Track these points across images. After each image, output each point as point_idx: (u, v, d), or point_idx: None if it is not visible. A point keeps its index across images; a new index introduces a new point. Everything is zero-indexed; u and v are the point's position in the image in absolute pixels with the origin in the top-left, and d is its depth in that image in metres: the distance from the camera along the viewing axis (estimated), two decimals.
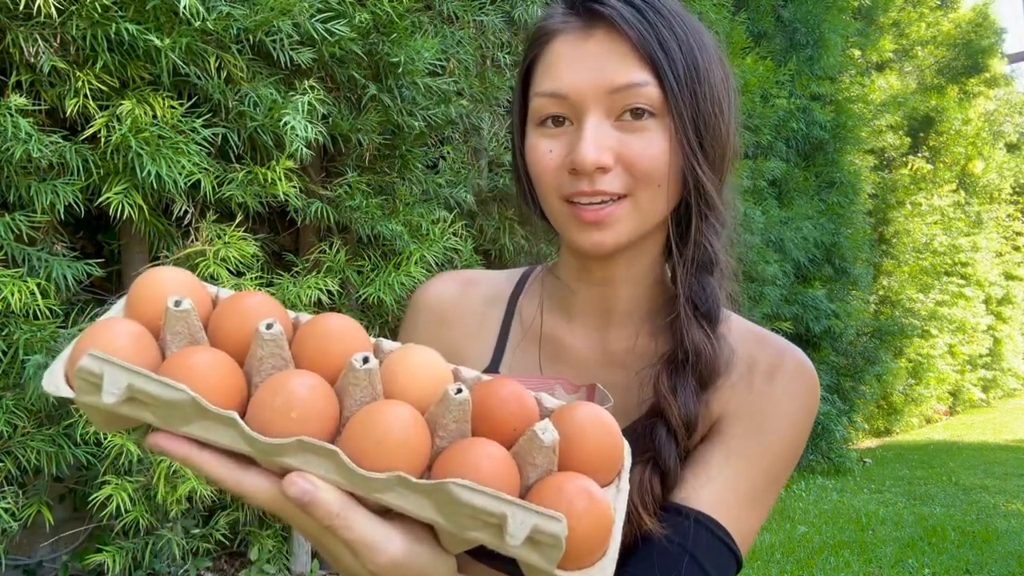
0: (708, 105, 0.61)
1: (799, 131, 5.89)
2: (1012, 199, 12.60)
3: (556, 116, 0.61)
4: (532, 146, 0.63)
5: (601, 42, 0.60)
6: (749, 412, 0.64)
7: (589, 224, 0.61)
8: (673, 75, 0.59)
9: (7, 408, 1.91)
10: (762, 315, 5.23)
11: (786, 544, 3.70)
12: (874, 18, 7.90)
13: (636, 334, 0.69)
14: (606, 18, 0.59)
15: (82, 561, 2.42)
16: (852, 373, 6.82)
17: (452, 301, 0.76)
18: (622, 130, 0.60)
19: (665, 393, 0.62)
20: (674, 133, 0.60)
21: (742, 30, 4.96)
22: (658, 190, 0.61)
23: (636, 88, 0.59)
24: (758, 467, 0.63)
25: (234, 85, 2.18)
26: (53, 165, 1.97)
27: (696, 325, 0.63)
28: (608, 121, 0.60)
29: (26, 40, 1.87)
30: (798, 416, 0.65)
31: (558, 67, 0.61)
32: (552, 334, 0.72)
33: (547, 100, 0.61)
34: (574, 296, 0.71)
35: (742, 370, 0.65)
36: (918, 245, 9.09)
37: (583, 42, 0.60)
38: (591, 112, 0.59)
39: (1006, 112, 12.04)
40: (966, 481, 5.56)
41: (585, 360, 0.71)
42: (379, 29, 2.42)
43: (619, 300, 0.69)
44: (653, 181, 0.60)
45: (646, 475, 0.61)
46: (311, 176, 2.61)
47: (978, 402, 11.31)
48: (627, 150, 0.59)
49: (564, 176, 0.61)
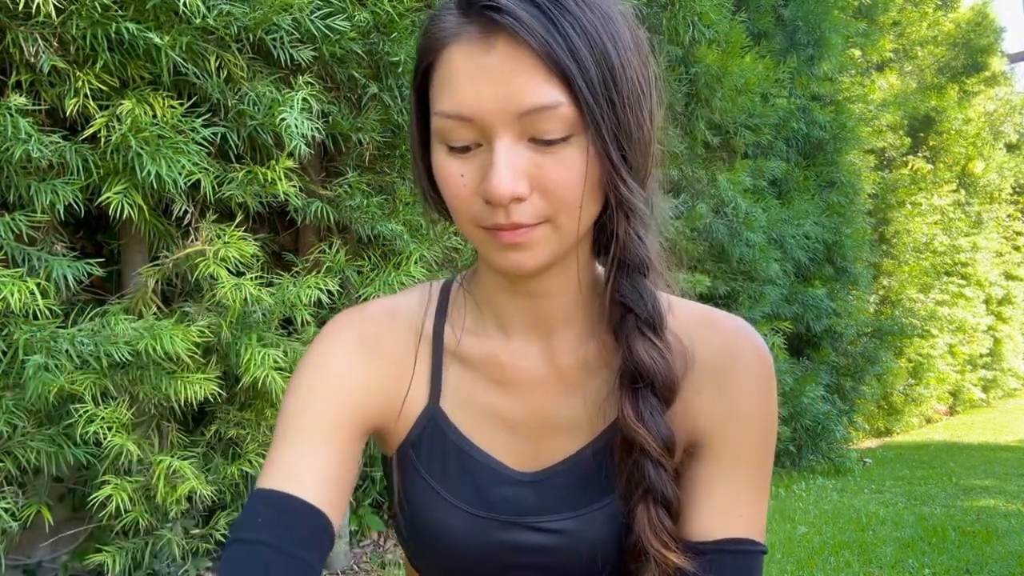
0: (627, 111, 0.55)
1: (799, 131, 5.89)
2: (1012, 199, 12.60)
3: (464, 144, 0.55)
4: (441, 166, 0.57)
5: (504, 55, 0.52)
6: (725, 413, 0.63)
7: (507, 246, 0.56)
8: (587, 87, 0.53)
9: (7, 408, 1.90)
10: (762, 314, 5.23)
11: (786, 544, 3.70)
12: (874, 18, 7.90)
13: (581, 344, 0.65)
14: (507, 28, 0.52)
15: (82, 561, 2.42)
16: (852, 373, 6.82)
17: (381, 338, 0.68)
18: (536, 151, 0.54)
19: (634, 425, 0.59)
20: (596, 149, 0.55)
21: (742, 30, 4.96)
22: (578, 211, 0.57)
23: (547, 111, 0.52)
24: (756, 467, 0.63)
25: (234, 84, 2.18)
26: (53, 165, 1.97)
27: (641, 338, 0.60)
28: (521, 143, 0.54)
29: (26, 40, 1.87)
30: (771, 400, 0.64)
31: (458, 84, 0.54)
32: (491, 356, 0.66)
33: (450, 122, 0.55)
34: (505, 311, 0.65)
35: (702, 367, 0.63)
36: (918, 245, 9.09)
37: (483, 54, 0.53)
38: (500, 137, 0.53)
39: (1006, 113, 12.04)
40: (966, 481, 5.56)
41: (532, 378, 0.66)
42: (379, 28, 2.42)
43: (555, 310, 0.65)
44: (572, 204, 0.56)
45: (652, 512, 0.59)
46: (311, 176, 2.61)
47: (978, 402, 11.31)
48: (542, 173, 0.54)
49: (479, 204, 0.56)
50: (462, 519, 0.64)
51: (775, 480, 5.37)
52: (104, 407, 2.05)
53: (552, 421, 0.66)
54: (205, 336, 2.16)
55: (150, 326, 2.04)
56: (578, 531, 0.63)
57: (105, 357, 1.98)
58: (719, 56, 4.69)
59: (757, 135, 5.25)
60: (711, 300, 4.95)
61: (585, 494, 0.64)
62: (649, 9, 4.27)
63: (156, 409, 2.29)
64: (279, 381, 2.25)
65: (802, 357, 6.12)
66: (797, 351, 6.05)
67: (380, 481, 3.19)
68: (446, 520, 0.64)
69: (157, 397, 2.17)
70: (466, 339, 0.67)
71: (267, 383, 2.27)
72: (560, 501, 0.64)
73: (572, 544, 0.63)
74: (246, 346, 2.23)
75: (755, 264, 5.09)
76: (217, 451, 2.48)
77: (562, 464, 0.65)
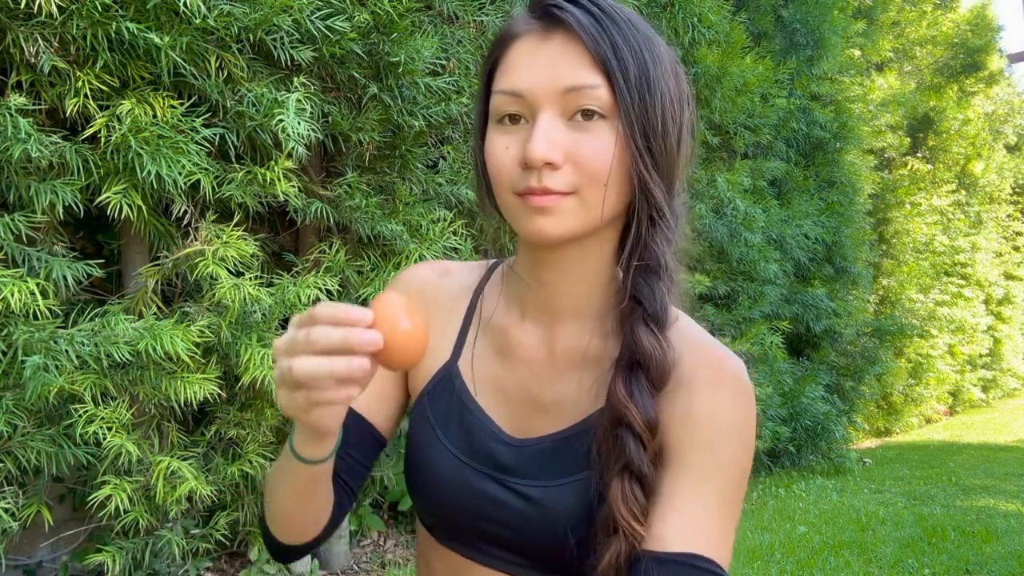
0: (657, 113, 0.64)
1: (799, 131, 5.89)
2: (1012, 199, 12.60)
3: (513, 114, 0.64)
4: (490, 141, 0.66)
5: (558, 45, 0.63)
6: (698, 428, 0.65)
7: (535, 211, 0.63)
8: (624, 80, 0.62)
9: (7, 408, 1.90)
10: (762, 314, 5.23)
11: (786, 544, 3.70)
12: (873, 18, 7.90)
13: (586, 333, 0.71)
14: (564, 23, 0.63)
15: (82, 561, 2.42)
16: (852, 373, 6.82)
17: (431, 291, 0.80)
18: (574, 129, 0.63)
19: (624, 399, 0.63)
20: (622, 135, 0.63)
21: (742, 30, 4.96)
22: (604, 190, 0.63)
23: (587, 90, 0.62)
24: (721, 484, 0.64)
25: (234, 84, 2.18)
26: (53, 165, 1.97)
27: (645, 328, 0.65)
28: (561, 120, 0.63)
29: (26, 40, 1.87)
30: (745, 425, 0.66)
31: (517, 67, 0.64)
32: (505, 329, 0.74)
33: (505, 98, 0.64)
34: (527, 292, 0.73)
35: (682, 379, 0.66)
36: (918, 245, 9.09)
37: (542, 44, 0.64)
38: (544, 110, 0.62)
39: (1006, 114, 12.05)
40: (966, 481, 5.56)
41: (533, 356, 0.73)
42: (379, 29, 2.42)
43: (569, 298, 0.71)
44: (599, 180, 0.63)
45: (626, 485, 0.62)
46: (311, 176, 2.61)
47: (978, 402, 11.30)
48: (576, 148, 0.62)
49: (517, 171, 0.64)
50: (449, 460, 0.72)
51: (775, 480, 5.38)
52: (104, 407, 2.05)
53: (542, 399, 0.72)
54: (205, 336, 2.16)
55: (150, 326, 2.04)
56: (547, 500, 0.68)
57: (105, 357, 1.98)
58: (719, 56, 4.69)
59: (757, 135, 5.25)
60: (711, 300, 4.95)
61: (559, 468, 0.68)
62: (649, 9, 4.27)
63: (156, 409, 2.29)
64: None
65: (802, 357, 6.12)
66: (797, 351, 6.05)
67: (380, 482, 3.19)
68: (436, 459, 0.73)
69: (157, 397, 2.17)
70: (494, 312, 0.76)
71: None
72: (536, 468, 0.69)
73: (539, 512, 0.68)
74: (246, 346, 2.23)
75: (754, 264, 5.09)
76: (217, 451, 2.48)
77: (547, 438, 0.70)
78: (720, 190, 4.74)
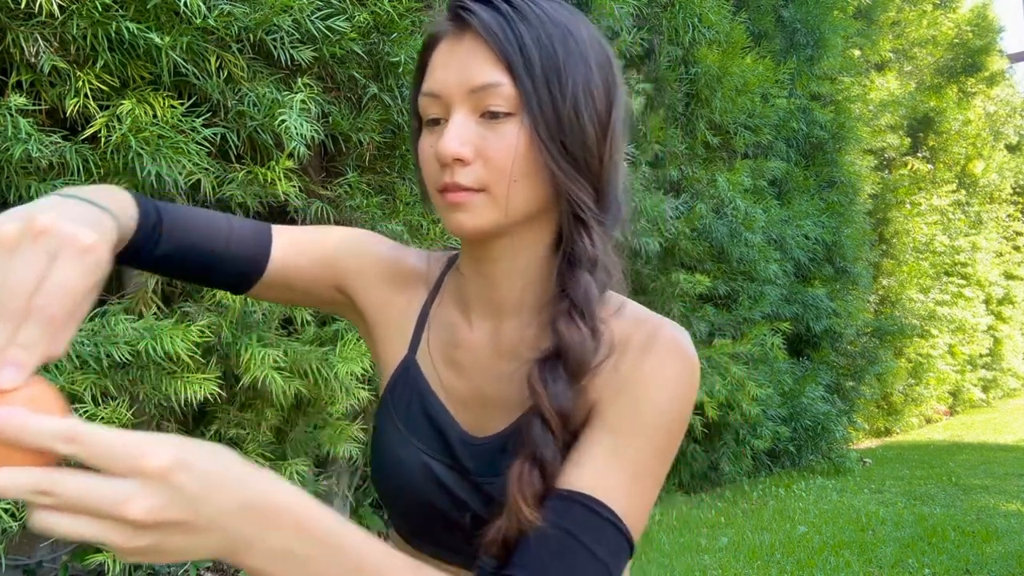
0: (569, 106, 0.64)
1: (799, 131, 5.89)
2: (1012, 199, 12.60)
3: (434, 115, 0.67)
4: (420, 143, 0.69)
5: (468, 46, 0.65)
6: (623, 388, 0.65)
7: (451, 206, 0.65)
8: (528, 75, 0.63)
9: None
10: (762, 315, 5.23)
11: (786, 544, 3.70)
12: (873, 18, 7.91)
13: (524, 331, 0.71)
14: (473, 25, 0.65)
15: (82, 561, 2.42)
16: (852, 373, 6.82)
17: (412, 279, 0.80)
18: (484, 127, 0.64)
19: (536, 386, 0.63)
20: (528, 130, 0.64)
21: (742, 30, 4.96)
22: (514, 185, 0.64)
23: (492, 88, 0.63)
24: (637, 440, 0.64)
25: (234, 84, 2.18)
26: (53, 165, 1.97)
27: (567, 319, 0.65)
28: (473, 118, 0.64)
29: (26, 40, 1.87)
30: (673, 386, 0.66)
31: (434, 70, 0.67)
32: (454, 323, 0.75)
33: (425, 100, 0.67)
34: (471, 287, 0.74)
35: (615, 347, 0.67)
36: (918, 245, 9.09)
37: (455, 46, 0.66)
38: (457, 110, 0.65)
39: (1007, 114, 12.04)
40: (966, 481, 5.56)
41: (479, 351, 0.73)
42: (379, 29, 2.42)
43: (510, 292, 0.72)
44: (507, 175, 0.64)
45: (525, 468, 0.62)
46: (311, 176, 2.61)
47: (978, 402, 11.30)
48: (485, 145, 0.64)
49: (437, 169, 0.66)
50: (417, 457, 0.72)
51: (775, 480, 5.38)
52: (104, 407, 2.05)
53: (490, 398, 0.72)
54: (205, 336, 2.16)
55: (150, 326, 2.04)
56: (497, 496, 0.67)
57: (105, 357, 1.98)
58: (719, 56, 4.69)
59: (757, 135, 5.25)
60: (711, 300, 4.95)
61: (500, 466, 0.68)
62: (649, 9, 4.27)
63: (156, 409, 2.29)
64: (279, 381, 2.25)
65: (802, 357, 6.12)
66: (797, 351, 6.05)
67: None
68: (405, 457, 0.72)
69: (157, 397, 2.17)
70: (443, 309, 0.76)
71: (267, 383, 2.27)
72: (489, 466, 0.70)
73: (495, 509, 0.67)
74: (246, 346, 2.23)
75: (755, 264, 5.08)
76: None
77: (499, 436, 0.71)
78: (720, 190, 4.74)
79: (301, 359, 2.38)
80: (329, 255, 0.77)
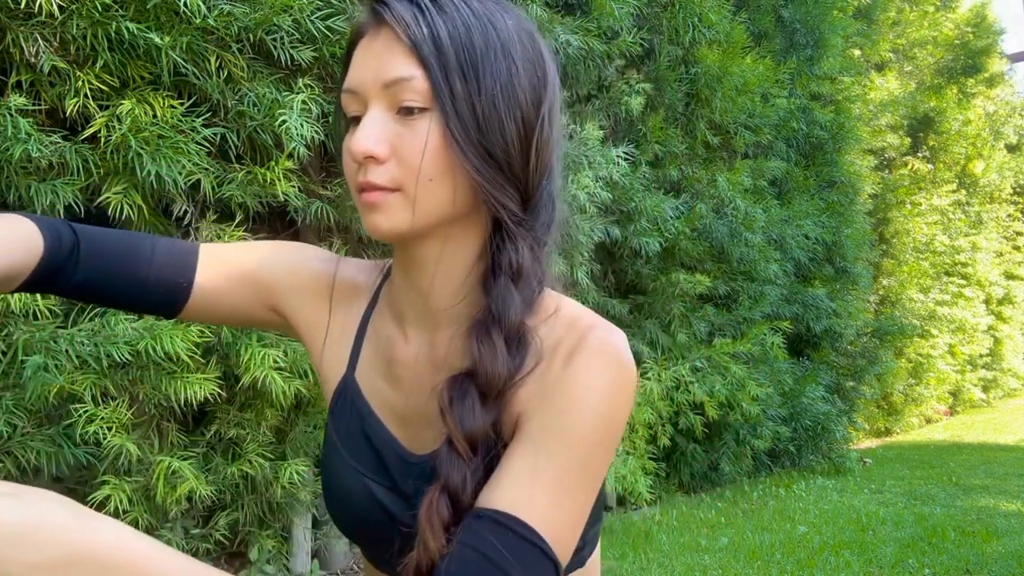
0: (487, 102, 0.60)
1: (799, 131, 5.89)
2: (1012, 199, 12.60)
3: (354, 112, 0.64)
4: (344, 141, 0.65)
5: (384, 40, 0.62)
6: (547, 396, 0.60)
7: (367, 207, 0.62)
8: (442, 69, 0.59)
9: (7, 408, 1.90)
10: (762, 315, 5.23)
11: (786, 544, 3.70)
12: (873, 18, 7.91)
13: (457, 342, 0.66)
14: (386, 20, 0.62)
15: None
16: (852, 373, 6.82)
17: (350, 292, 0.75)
18: (399, 123, 0.61)
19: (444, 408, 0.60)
20: (440, 127, 0.60)
21: (742, 30, 4.96)
22: (428, 185, 0.61)
23: (404, 82, 0.60)
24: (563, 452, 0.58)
25: (234, 84, 2.18)
26: (53, 165, 1.97)
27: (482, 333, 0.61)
28: (390, 114, 0.61)
29: (26, 40, 1.87)
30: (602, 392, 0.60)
31: (354, 66, 0.64)
32: (390, 336, 0.71)
33: (345, 97, 0.64)
34: (404, 297, 0.70)
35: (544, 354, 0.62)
36: (918, 245, 9.09)
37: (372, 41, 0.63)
38: (372, 106, 0.62)
39: (1007, 114, 12.04)
40: (966, 481, 5.56)
41: (416, 365, 0.69)
42: None
43: (439, 301, 0.67)
44: (421, 173, 0.60)
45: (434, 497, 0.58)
46: (311, 176, 2.61)
47: (978, 402, 11.30)
48: (400, 141, 0.61)
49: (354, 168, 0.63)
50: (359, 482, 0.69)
51: (775, 480, 5.38)
52: (104, 407, 2.05)
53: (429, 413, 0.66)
54: (205, 336, 2.16)
55: (150, 326, 2.04)
56: None
57: (105, 357, 1.98)
58: (719, 56, 4.69)
59: (757, 135, 5.25)
60: (711, 300, 4.95)
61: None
62: (649, 9, 4.27)
63: (156, 409, 2.29)
64: (279, 381, 2.25)
65: (802, 357, 6.12)
66: (797, 351, 6.05)
67: None
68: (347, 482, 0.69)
69: (157, 397, 2.17)
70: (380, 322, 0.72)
71: (267, 383, 2.27)
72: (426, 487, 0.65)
73: None
74: (246, 346, 2.23)
75: (755, 264, 5.08)
76: (217, 451, 2.48)
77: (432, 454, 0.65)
78: (720, 190, 4.74)
79: (301, 359, 2.38)
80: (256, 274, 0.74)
